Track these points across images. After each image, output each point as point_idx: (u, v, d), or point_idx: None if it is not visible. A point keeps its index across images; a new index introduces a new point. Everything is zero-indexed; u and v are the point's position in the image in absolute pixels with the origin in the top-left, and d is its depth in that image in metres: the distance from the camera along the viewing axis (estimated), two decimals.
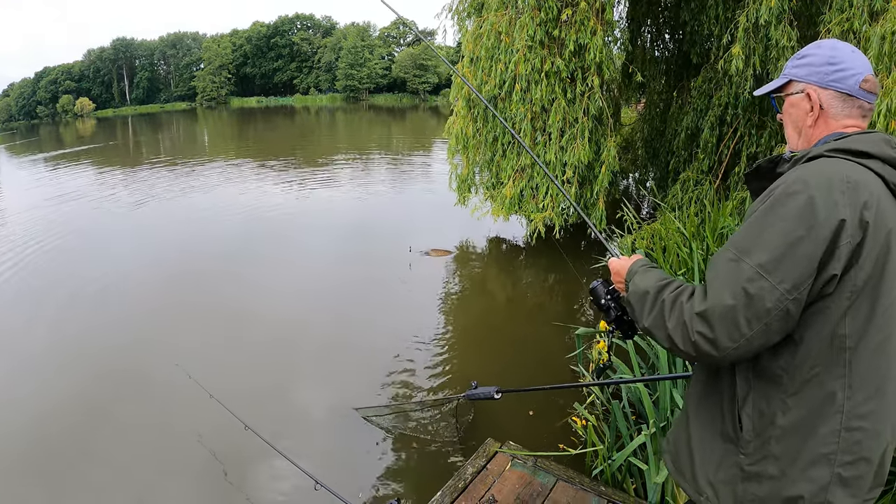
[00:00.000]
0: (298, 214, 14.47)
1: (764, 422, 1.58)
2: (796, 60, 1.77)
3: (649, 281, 1.73)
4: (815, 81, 1.69)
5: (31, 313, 8.59)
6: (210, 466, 4.89)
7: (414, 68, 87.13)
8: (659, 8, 11.61)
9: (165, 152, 34.16)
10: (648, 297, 1.68)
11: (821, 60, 1.69)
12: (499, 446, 4.22)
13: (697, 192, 9.20)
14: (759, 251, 1.47)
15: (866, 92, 1.65)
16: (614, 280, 2.02)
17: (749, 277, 1.46)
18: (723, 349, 1.49)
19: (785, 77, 1.79)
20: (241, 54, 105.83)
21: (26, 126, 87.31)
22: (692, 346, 1.52)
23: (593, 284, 2.20)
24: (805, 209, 1.44)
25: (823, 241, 1.41)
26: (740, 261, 1.49)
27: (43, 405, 5.95)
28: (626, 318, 2.12)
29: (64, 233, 13.40)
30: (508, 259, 10.24)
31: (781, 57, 7.28)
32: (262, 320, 7.88)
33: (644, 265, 1.86)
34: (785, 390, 1.54)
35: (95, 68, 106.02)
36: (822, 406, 1.51)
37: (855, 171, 1.48)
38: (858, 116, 1.67)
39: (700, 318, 1.50)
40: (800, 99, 1.73)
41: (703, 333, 1.50)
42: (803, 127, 1.74)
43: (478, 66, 8.96)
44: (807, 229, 1.42)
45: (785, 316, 1.45)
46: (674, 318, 1.57)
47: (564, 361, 6.03)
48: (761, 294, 1.44)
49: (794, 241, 1.43)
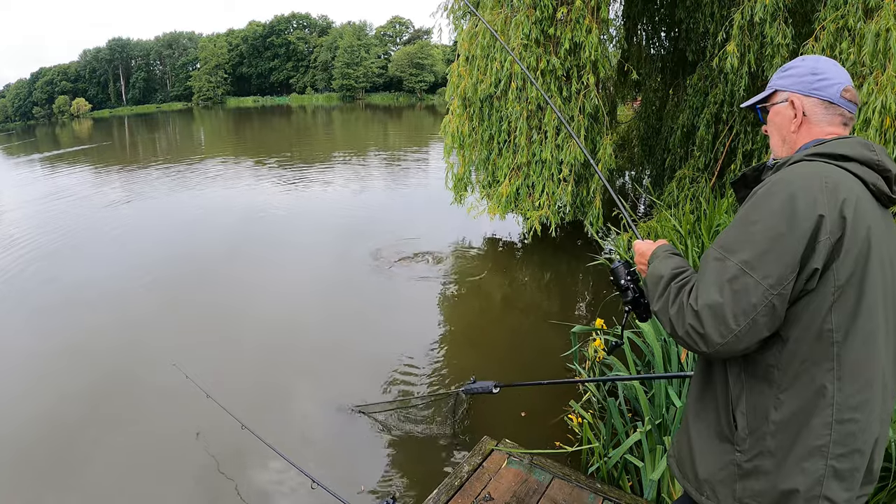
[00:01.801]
0: (295, 214, 14.46)
1: (758, 419, 1.62)
2: (781, 73, 1.88)
3: (667, 267, 1.79)
4: (798, 90, 1.79)
5: (26, 314, 8.58)
6: (207, 466, 4.89)
7: (410, 67, 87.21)
8: (654, 6, 11.63)
9: (162, 152, 34.17)
10: (661, 282, 1.74)
11: (804, 71, 1.79)
12: (495, 444, 4.22)
13: (693, 190, 9.23)
14: (742, 249, 1.54)
15: (847, 101, 1.74)
16: (637, 261, 2.07)
17: (734, 275, 1.53)
18: (712, 344, 1.54)
19: (770, 88, 1.90)
20: (237, 54, 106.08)
21: (22, 127, 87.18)
22: (686, 336, 1.59)
23: (614, 265, 2.26)
24: (786, 206, 1.50)
25: (804, 237, 1.48)
26: (725, 259, 1.56)
27: (37, 406, 5.94)
28: (643, 301, 2.18)
29: (59, 233, 13.37)
30: (505, 257, 10.24)
31: (776, 54, 7.30)
32: (258, 319, 7.88)
33: (667, 251, 1.92)
34: (777, 386, 1.59)
35: (91, 69, 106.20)
36: (814, 399, 1.55)
37: (834, 173, 1.56)
38: (839, 124, 1.76)
39: (692, 312, 1.57)
40: (784, 107, 1.83)
41: (694, 327, 1.56)
42: (787, 134, 1.83)
43: (473, 65, 8.95)
44: (787, 226, 1.49)
45: (771, 311, 1.50)
46: (675, 307, 1.64)
47: (560, 359, 6.03)
48: (746, 290, 1.50)
49: (776, 237, 1.50)
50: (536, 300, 8.42)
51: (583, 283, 8.70)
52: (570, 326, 5.74)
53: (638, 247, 2.07)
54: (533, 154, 8.69)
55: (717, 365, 1.75)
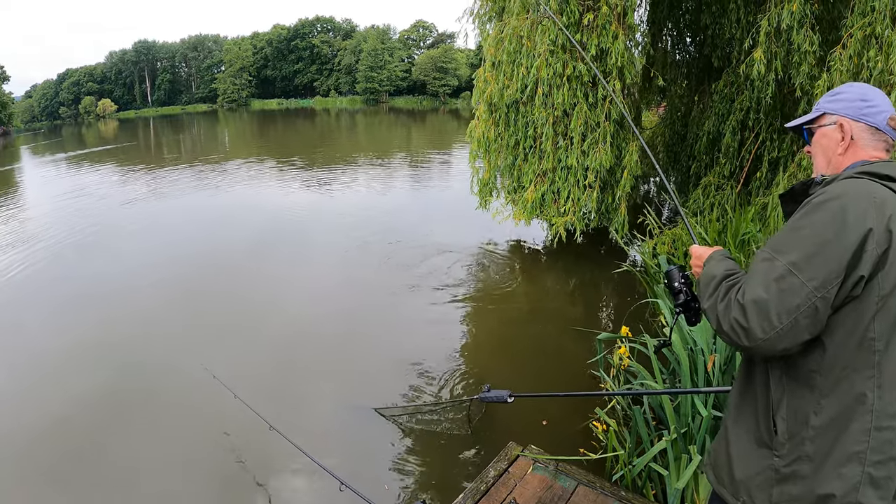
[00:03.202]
0: (318, 214, 14.59)
1: (798, 423, 1.66)
2: (830, 97, 1.95)
3: (720, 268, 1.85)
4: (848, 114, 1.86)
5: (53, 312, 8.75)
6: (234, 466, 4.96)
7: (434, 71, 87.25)
8: (680, 11, 11.56)
9: (186, 152, 34.60)
10: (714, 282, 1.80)
11: (854, 97, 1.87)
12: (520, 450, 4.24)
13: (719, 198, 9.18)
14: (791, 251, 1.60)
15: (891, 129, 1.83)
16: (693, 263, 2.13)
17: (781, 274, 1.58)
18: (754, 339, 1.59)
19: (819, 111, 1.96)
20: (261, 57, 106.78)
21: (49, 126, 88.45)
22: (730, 331, 1.64)
23: (669, 268, 2.32)
24: (837, 216, 1.56)
25: (851, 246, 1.53)
26: (774, 259, 1.62)
27: (65, 406, 6.04)
28: (694, 305, 2.24)
29: (84, 231, 13.68)
30: (528, 263, 10.23)
31: (804, 62, 7.26)
32: (281, 319, 8.00)
33: (722, 255, 1.98)
34: (818, 391, 1.63)
35: (117, 70, 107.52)
36: (854, 406, 1.59)
37: (881, 190, 1.62)
38: (882, 149, 1.84)
39: (738, 306, 1.63)
40: (832, 129, 1.90)
41: (739, 321, 1.62)
42: (833, 156, 1.89)
43: (499, 71, 8.97)
44: (837, 234, 1.54)
45: (813, 313, 1.55)
46: (723, 304, 1.69)
47: (583, 366, 6.03)
48: (792, 289, 1.56)
49: (824, 243, 1.55)
50: (560, 307, 8.41)
51: (607, 291, 8.68)
52: (593, 334, 5.73)
53: (695, 250, 2.14)
54: (558, 160, 8.69)
55: (758, 370, 1.80)
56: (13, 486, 4.90)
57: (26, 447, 5.36)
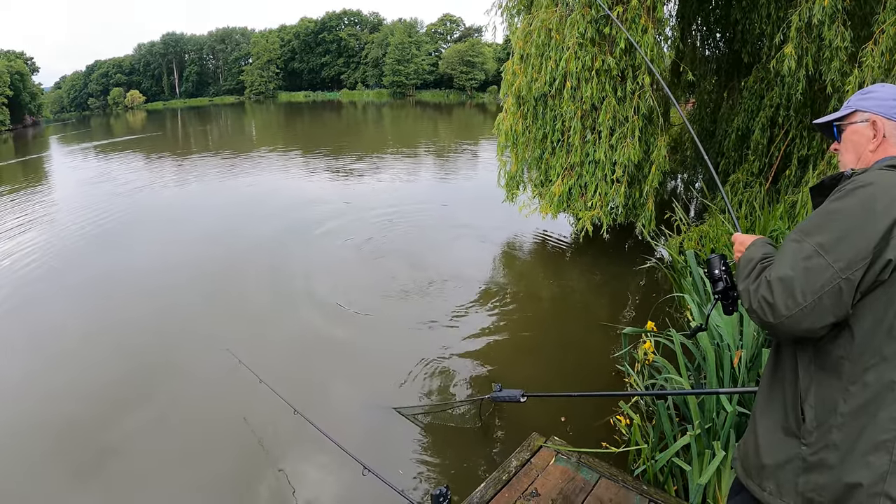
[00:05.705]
0: (344, 205, 14.58)
1: (826, 411, 1.67)
2: (862, 95, 2.00)
3: (759, 252, 1.92)
4: (881, 113, 1.91)
5: (80, 299, 8.89)
6: (257, 449, 5.03)
7: (461, 65, 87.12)
8: (709, 6, 11.42)
9: (214, 143, 34.91)
10: (751, 263, 1.86)
11: (887, 96, 1.93)
12: (543, 441, 4.25)
13: (747, 195, 9.08)
14: (819, 233, 1.65)
15: None
16: (736, 249, 2.17)
17: (808, 255, 1.64)
18: (778, 314, 1.65)
19: (849, 108, 2.01)
20: (288, 49, 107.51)
21: (77, 117, 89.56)
22: (758, 308, 1.70)
23: (710, 257, 2.37)
24: (867, 202, 1.61)
25: (880, 231, 1.57)
26: (802, 241, 1.68)
27: (90, 390, 6.16)
28: (732, 293, 2.29)
29: (111, 219, 13.89)
30: (554, 257, 10.22)
31: (835, 57, 7.14)
32: (304, 308, 8.06)
33: (764, 242, 2.02)
34: (847, 378, 1.64)
35: (146, 62, 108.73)
36: (883, 393, 1.58)
37: None
38: None
39: (766, 283, 1.69)
40: (864, 127, 1.95)
41: (766, 297, 1.68)
42: (864, 152, 1.94)
43: (528, 64, 8.94)
44: (865, 219, 1.60)
45: (837, 293, 1.58)
46: (755, 284, 1.75)
47: (607, 362, 6.03)
48: (818, 269, 1.60)
49: (852, 227, 1.60)
50: (586, 301, 8.39)
51: (632, 286, 8.62)
52: (618, 328, 5.71)
53: (738, 237, 2.18)
54: (586, 154, 8.65)
55: (786, 359, 1.82)
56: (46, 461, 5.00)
57: (56, 426, 5.47)
